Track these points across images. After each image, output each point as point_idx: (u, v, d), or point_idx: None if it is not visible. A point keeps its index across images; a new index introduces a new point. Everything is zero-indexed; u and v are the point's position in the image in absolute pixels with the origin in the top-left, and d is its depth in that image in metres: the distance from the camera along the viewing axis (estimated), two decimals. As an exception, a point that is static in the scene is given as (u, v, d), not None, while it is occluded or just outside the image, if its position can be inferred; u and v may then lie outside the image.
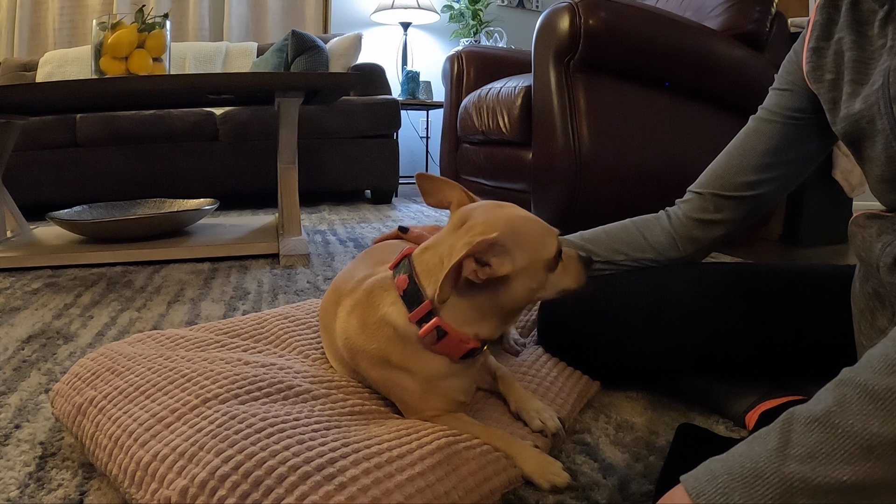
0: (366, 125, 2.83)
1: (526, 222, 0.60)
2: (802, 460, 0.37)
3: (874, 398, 0.36)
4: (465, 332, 0.59)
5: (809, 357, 0.71)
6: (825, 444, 0.37)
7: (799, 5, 3.26)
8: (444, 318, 0.59)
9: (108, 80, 1.45)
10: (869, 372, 0.38)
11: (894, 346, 0.38)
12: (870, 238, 0.56)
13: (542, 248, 0.59)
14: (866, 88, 0.53)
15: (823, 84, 0.60)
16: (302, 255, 1.57)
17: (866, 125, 0.53)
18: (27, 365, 0.89)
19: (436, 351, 0.60)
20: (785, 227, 1.98)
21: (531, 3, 4.10)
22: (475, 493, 0.53)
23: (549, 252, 0.60)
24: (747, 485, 0.38)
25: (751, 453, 0.39)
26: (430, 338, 0.59)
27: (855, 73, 0.55)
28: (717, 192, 0.75)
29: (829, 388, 0.40)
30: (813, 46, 0.60)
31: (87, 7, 3.28)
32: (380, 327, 0.61)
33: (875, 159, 0.54)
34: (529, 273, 0.58)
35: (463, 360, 0.61)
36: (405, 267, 0.61)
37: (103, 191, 2.51)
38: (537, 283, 0.60)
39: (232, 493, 0.46)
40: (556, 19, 1.51)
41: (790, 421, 0.39)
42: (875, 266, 0.54)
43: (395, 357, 0.61)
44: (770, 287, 0.74)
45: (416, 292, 0.59)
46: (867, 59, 0.54)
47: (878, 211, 0.58)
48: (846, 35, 0.56)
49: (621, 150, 1.57)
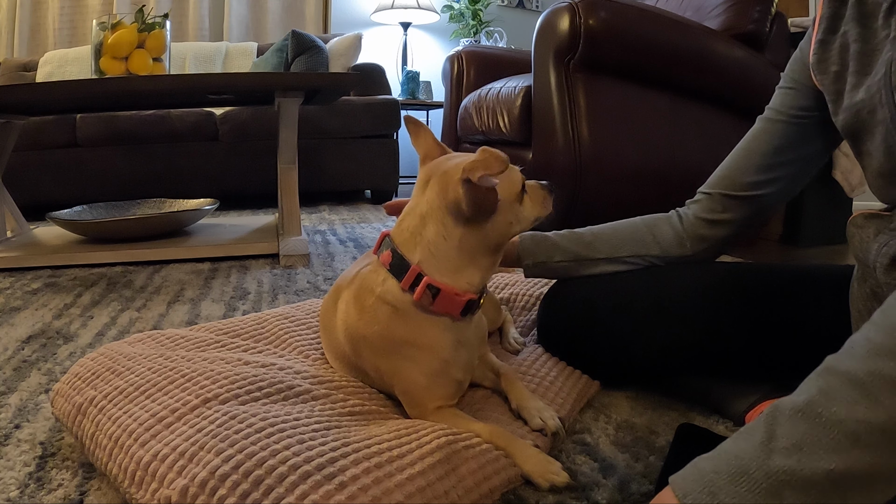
0: (366, 125, 2.83)
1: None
2: (788, 453, 0.36)
3: (857, 384, 0.36)
4: (458, 283, 0.61)
5: (809, 357, 0.70)
6: (810, 435, 0.36)
7: (799, 5, 3.25)
8: (433, 276, 0.60)
9: (108, 80, 1.45)
10: (851, 358, 0.38)
11: (876, 329, 0.38)
12: (867, 238, 0.56)
13: (511, 181, 0.63)
14: (869, 79, 0.53)
15: (828, 76, 0.60)
16: (302, 255, 1.57)
17: (867, 115, 0.53)
18: (27, 365, 0.89)
19: (435, 311, 0.61)
20: (785, 227, 1.98)
21: (531, 3, 4.09)
22: (475, 492, 0.53)
23: (517, 185, 0.63)
24: (734, 482, 0.37)
25: (737, 450, 0.39)
26: (426, 298, 0.60)
27: (859, 65, 0.55)
28: (724, 192, 0.76)
29: (812, 378, 0.39)
30: (820, 39, 0.61)
31: (87, 7, 3.28)
32: (378, 308, 0.63)
33: (874, 152, 0.54)
34: (508, 204, 0.62)
35: (464, 315, 0.62)
36: (387, 244, 0.64)
37: (103, 191, 2.51)
38: (514, 215, 0.63)
39: (232, 492, 0.47)
40: (556, 19, 1.51)
41: (774, 414, 0.39)
42: (872, 266, 0.54)
43: (399, 333, 0.62)
44: (770, 287, 0.74)
45: (401, 262, 0.61)
46: (871, 50, 0.54)
47: (877, 211, 0.58)
48: (851, 28, 0.56)
49: (621, 150, 1.57)
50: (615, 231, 0.82)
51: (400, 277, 0.61)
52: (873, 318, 0.39)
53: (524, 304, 1.03)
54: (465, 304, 0.62)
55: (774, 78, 0.73)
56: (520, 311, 1.01)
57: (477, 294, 0.63)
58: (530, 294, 1.05)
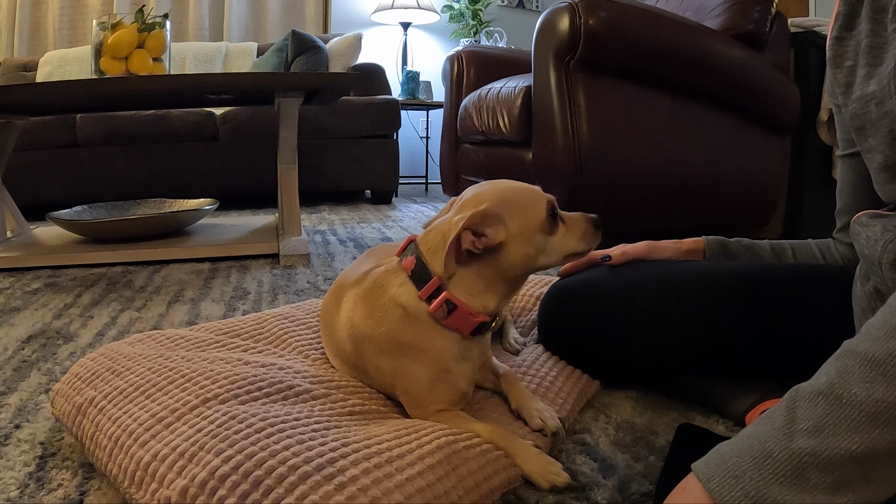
0: (366, 125, 2.83)
1: (514, 189, 0.63)
2: (810, 434, 0.37)
3: (876, 364, 0.36)
4: (473, 304, 0.61)
5: (810, 357, 0.70)
6: (831, 416, 0.36)
7: (799, 5, 3.26)
8: (452, 293, 0.61)
9: (108, 80, 1.45)
10: (869, 340, 0.38)
11: (892, 312, 0.38)
12: (873, 236, 0.56)
13: (532, 211, 0.61)
14: (880, 71, 0.54)
15: (842, 70, 0.61)
16: (302, 255, 1.57)
17: (875, 107, 0.54)
18: (27, 365, 0.89)
19: (447, 326, 0.61)
20: (785, 227, 1.98)
21: (531, 3, 4.09)
22: (475, 492, 0.53)
23: (540, 214, 0.61)
24: (757, 465, 0.38)
25: (758, 434, 0.39)
26: (441, 312, 0.61)
27: (870, 57, 0.56)
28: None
29: (830, 362, 0.40)
30: (835, 36, 0.62)
31: (87, 7, 3.28)
32: (389, 309, 0.63)
33: (880, 144, 0.54)
34: (524, 238, 0.61)
35: (473, 335, 0.63)
36: (411, 249, 0.64)
37: (103, 191, 2.51)
38: (534, 247, 0.61)
39: (232, 492, 0.47)
40: (556, 19, 1.51)
41: (794, 398, 0.39)
42: (878, 263, 0.54)
43: (406, 337, 0.62)
44: (770, 287, 0.74)
45: (423, 271, 0.62)
46: (882, 43, 0.55)
47: (882, 210, 0.58)
48: (865, 23, 0.57)
49: (621, 150, 1.57)
50: (791, 247, 0.84)
51: (419, 285, 0.61)
52: (889, 301, 0.39)
53: (524, 304, 1.03)
54: (477, 325, 0.62)
55: (774, 78, 0.73)
56: (520, 312, 1.01)
57: (490, 317, 0.63)
58: (530, 294, 1.05)
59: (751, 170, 1.80)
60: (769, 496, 0.37)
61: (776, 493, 0.37)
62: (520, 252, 0.61)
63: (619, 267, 0.81)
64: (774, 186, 1.87)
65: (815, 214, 1.93)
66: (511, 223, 0.60)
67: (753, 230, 1.93)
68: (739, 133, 1.77)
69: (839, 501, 0.35)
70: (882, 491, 0.36)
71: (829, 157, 1.89)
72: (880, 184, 0.58)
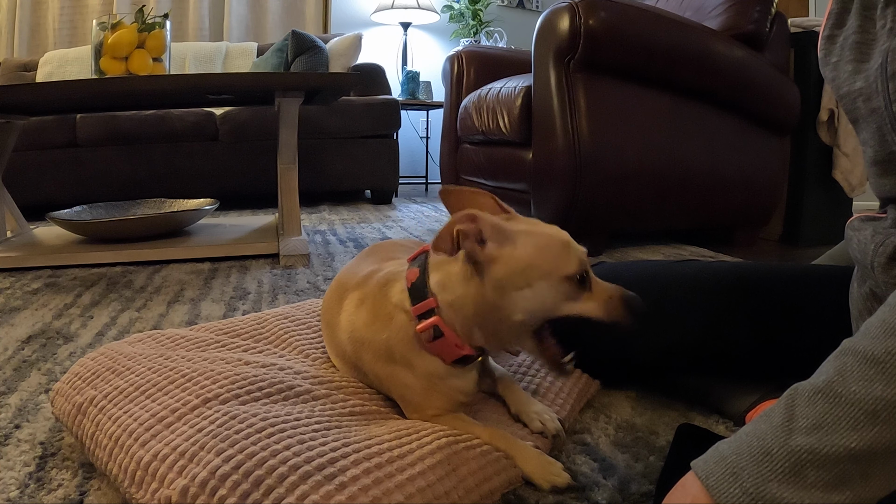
0: (366, 125, 2.83)
1: (551, 230, 0.59)
2: (808, 432, 0.37)
3: (875, 362, 0.36)
4: (461, 337, 0.59)
5: (809, 357, 0.70)
6: (830, 414, 0.36)
7: (799, 5, 3.26)
8: (444, 319, 0.59)
9: (108, 80, 1.45)
10: (868, 338, 0.38)
11: (891, 311, 0.38)
12: (864, 240, 0.56)
13: (558, 259, 0.56)
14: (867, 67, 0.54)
15: (829, 66, 0.61)
16: (302, 255, 1.57)
17: (863, 104, 0.54)
18: (27, 365, 0.89)
19: (429, 350, 0.61)
20: (785, 227, 1.98)
21: (531, 3, 4.09)
22: (475, 492, 0.53)
23: (569, 267, 0.56)
24: (756, 462, 0.38)
25: (757, 432, 0.39)
26: (427, 335, 0.60)
27: (857, 54, 0.56)
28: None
29: (829, 360, 0.40)
30: (827, 35, 0.62)
31: (87, 7, 3.28)
32: (392, 316, 0.62)
33: (869, 140, 0.55)
34: (544, 282, 0.56)
35: (455, 364, 0.61)
36: (420, 261, 0.63)
37: (103, 191, 2.51)
38: (550, 299, 0.56)
39: (232, 492, 0.47)
40: (556, 19, 1.51)
41: (793, 396, 0.39)
42: (870, 266, 0.55)
43: (399, 349, 0.61)
44: (770, 287, 0.74)
45: (422, 287, 0.60)
46: (870, 40, 0.55)
47: (873, 213, 0.58)
48: (853, 20, 0.57)
49: (621, 149, 1.57)
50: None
51: (414, 301, 0.60)
52: (888, 300, 0.39)
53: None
54: (459, 357, 0.61)
55: (774, 78, 0.73)
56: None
57: (475, 352, 0.61)
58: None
59: (751, 170, 1.80)
60: (767, 493, 0.37)
61: (774, 490, 0.37)
62: (532, 297, 0.56)
63: (618, 267, 0.81)
64: (774, 186, 1.87)
65: (815, 214, 1.93)
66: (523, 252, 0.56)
67: (753, 230, 1.93)
68: (739, 133, 1.77)
69: (837, 499, 0.36)
70: (880, 488, 0.36)
71: (829, 157, 1.89)
72: (872, 178, 0.58)
